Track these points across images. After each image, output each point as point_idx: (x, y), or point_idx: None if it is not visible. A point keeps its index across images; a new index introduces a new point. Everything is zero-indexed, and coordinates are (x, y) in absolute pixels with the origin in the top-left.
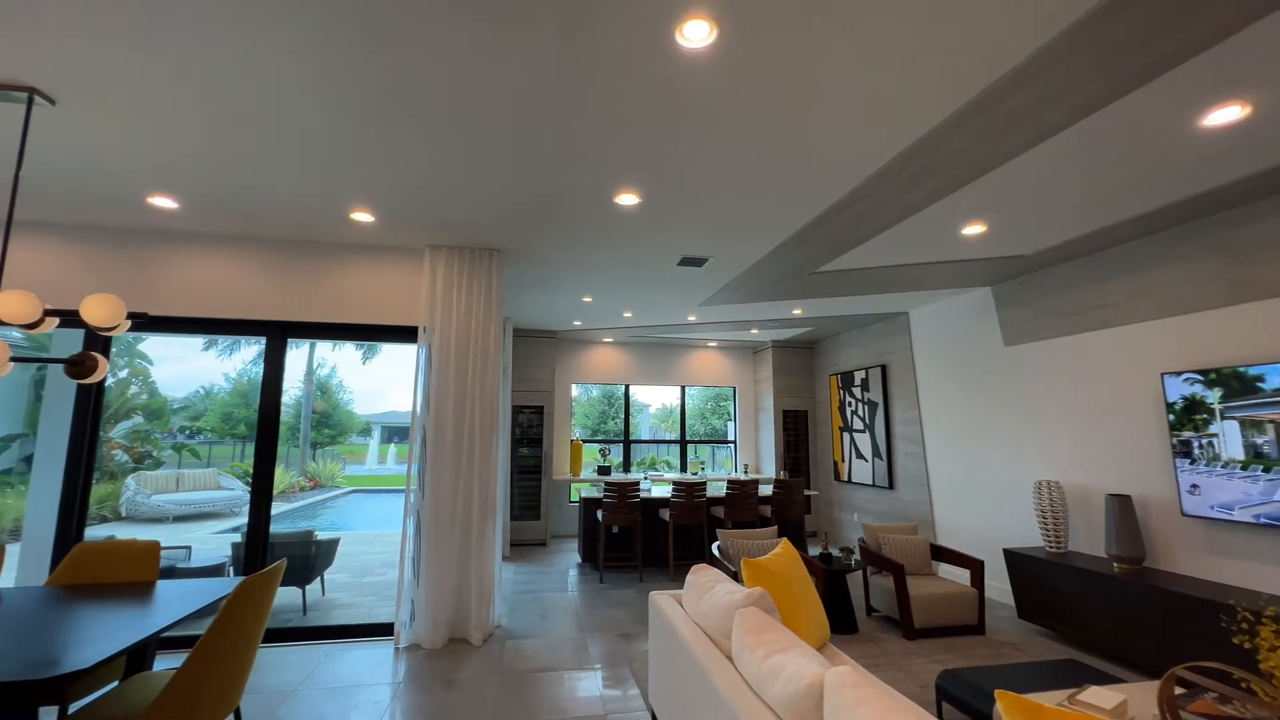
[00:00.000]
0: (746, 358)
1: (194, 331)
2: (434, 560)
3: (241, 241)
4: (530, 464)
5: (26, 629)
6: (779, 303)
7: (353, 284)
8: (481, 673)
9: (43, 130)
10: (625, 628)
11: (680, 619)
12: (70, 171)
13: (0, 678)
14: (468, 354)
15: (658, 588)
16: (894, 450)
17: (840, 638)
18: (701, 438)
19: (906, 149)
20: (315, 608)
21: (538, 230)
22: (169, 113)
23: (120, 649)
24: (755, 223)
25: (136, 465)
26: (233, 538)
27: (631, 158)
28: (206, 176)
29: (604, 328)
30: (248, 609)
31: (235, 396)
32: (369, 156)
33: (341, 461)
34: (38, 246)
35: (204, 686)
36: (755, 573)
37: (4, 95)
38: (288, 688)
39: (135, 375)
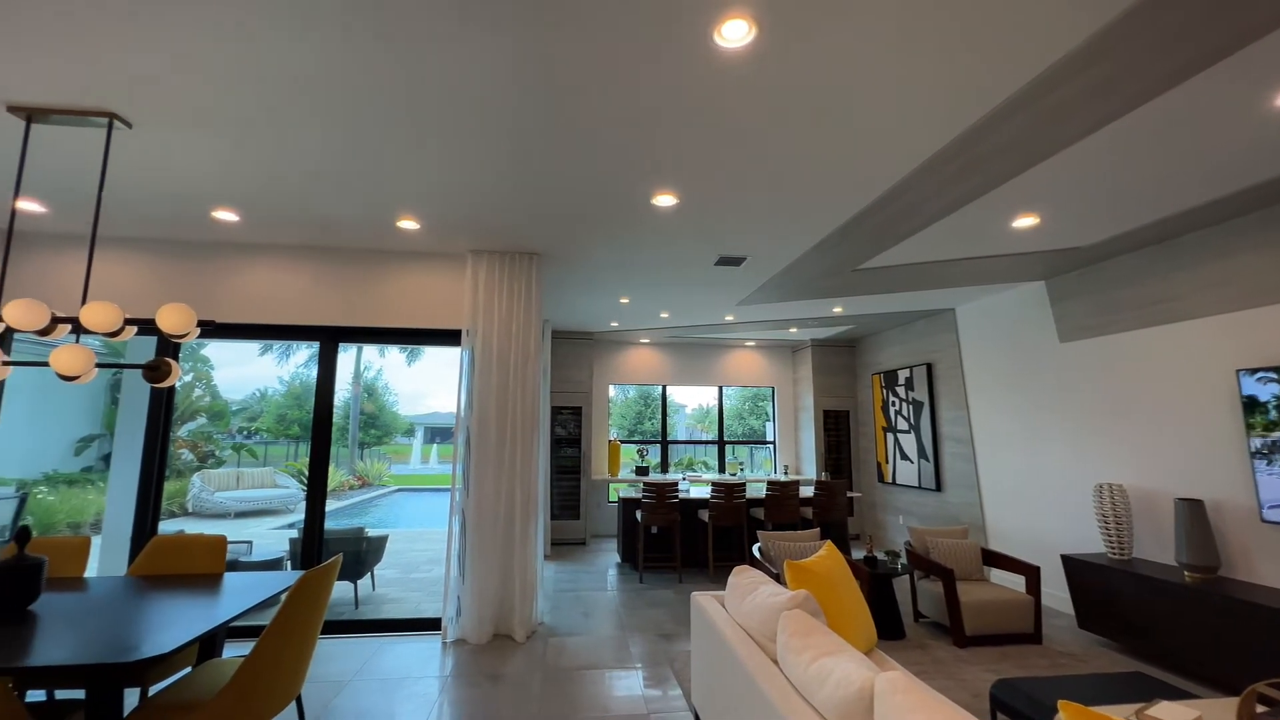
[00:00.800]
0: (785, 357)
1: (252, 337)
2: (478, 558)
3: (295, 250)
4: (569, 464)
5: (110, 616)
6: (819, 301)
7: (399, 289)
8: (526, 669)
9: (120, 152)
10: (666, 628)
11: (723, 620)
12: (144, 189)
13: (89, 660)
14: (509, 356)
15: (698, 588)
16: (941, 451)
17: (887, 643)
18: (739, 438)
19: (954, 140)
20: (366, 602)
21: (576, 233)
22: (232, 133)
23: (194, 636)
24: (794, 220)
25: (201, 464)
26: (289, 533)
27: (669, 158)
28: (264, 191)
29: (641, 329)
30: (307, 602)
31: (288, 399)
32: (415, 167)
33: (387, 461)
34: (116, 260)
35: (269, 674)
36: (799, 575)
37: (88, 121)
38: (343, 678)
39: (199, 379)
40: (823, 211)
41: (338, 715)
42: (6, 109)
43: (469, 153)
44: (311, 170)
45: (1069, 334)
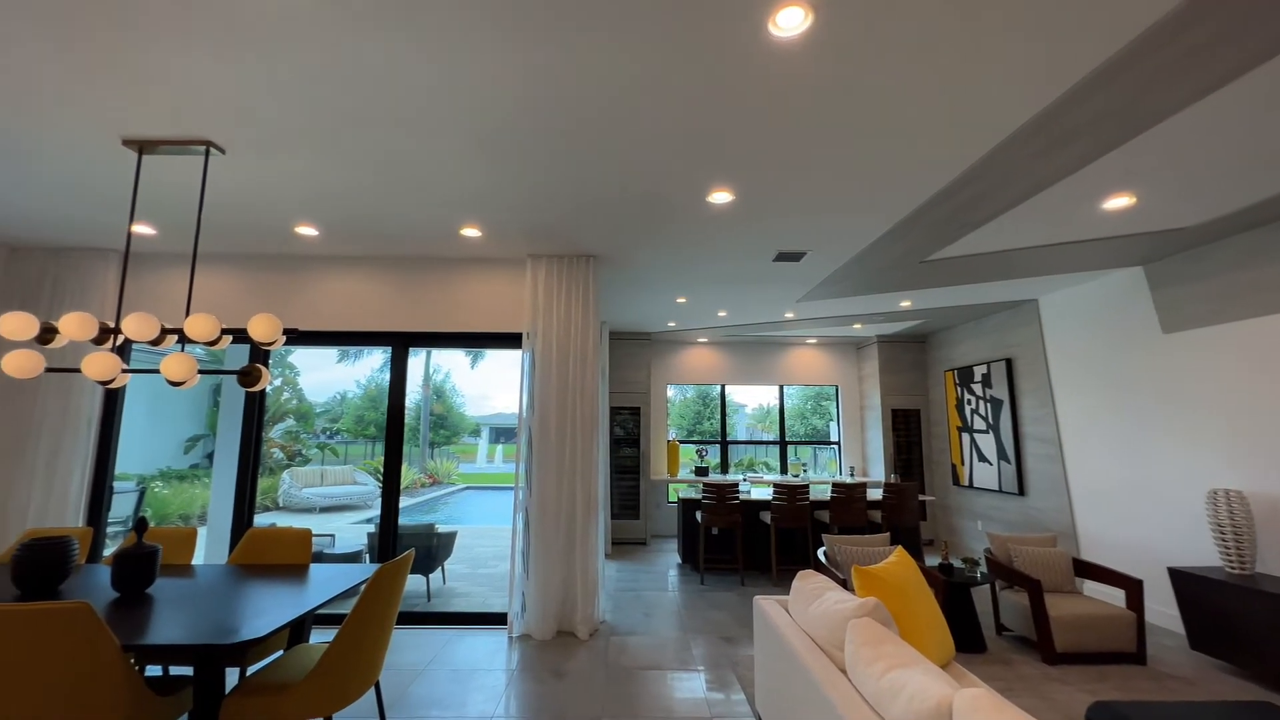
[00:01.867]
0: (849, 354)
1: (331, 343)
2: (541, 555)
3: (368, 261)
4: (629, 464)
5: (214, 601)
6: (885, 295)
7: (462, 295)
8: (589, 666)
9: (215, 177)
10: (728, 630)
11: (787, 626)
12: (235, 209)
13: (198, 641)
14: (568, 358)
15: (760, 592)
16: (1023, 452)
17: (966, 656)
18: (802, 438)
19: (1035, 117)
20: (438, 595)
21: (632, 234)
22: (313, 156)
23: (285, 622)
24: (857, 212)
25: (289, 462)
26: (367, 528)
27: (725, 153)
28: (341, 207)
29: (698, 328)
30: (383, 593)
31: (365, 401)
32: (478, 177)
33: (456, 460)
34: (213, 275)
35: (351, 659)
36: (868, 581)
37: (188, 150)
38: (418, 667)
39: (287, 384)
40: (888, 201)
41: (413, 702)
42: (122, 143)
43: (528, 158)
44: (383, 184)
45: (1174, 324)
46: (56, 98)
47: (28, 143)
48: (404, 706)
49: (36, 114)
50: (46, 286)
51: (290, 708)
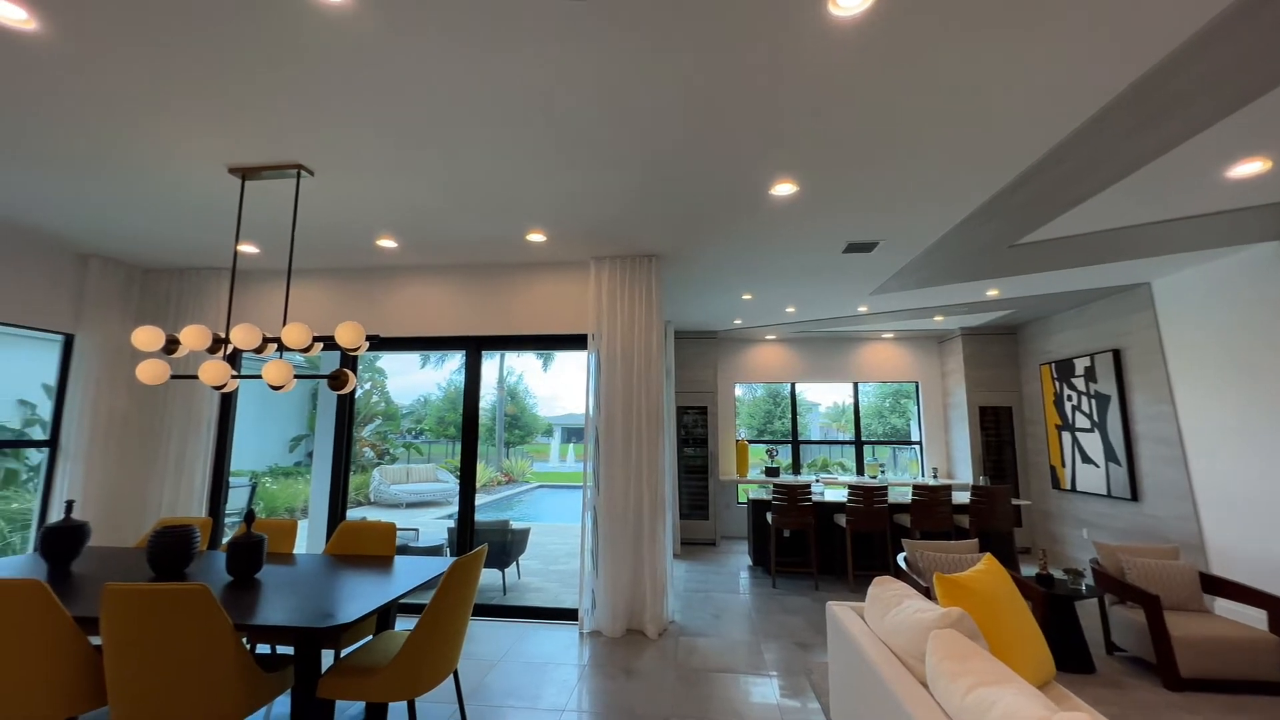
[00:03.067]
0: (930, 349)
1: (410, 348)
2: (610, 553)
3: (443, 269)
4: (697, 464)
5: (313, 587)
6: (968, 284)
7: (530, 299)
8: (658, 666)
9: (305, 197)
10: (802, 636)
11: (863, 634)
12: (323, 226)
13: (299, 623)
14: (632, 358)
15: (835, 597)
16: (1136, 453)
17: (1070, 677)
18: (880, 438)
19: (1141, 79)
20: (512, 589)
21: (693, 232)
22: (394, 175)
23: (374, 608)
24: (933, 197)
25: (379, 460)
26: (448, 523)
27: (787, 143)
28: (417, 219)
29: (766, 325)
30: (459, 585)
31: (445, 403)
32: (544, 184)
33: (529, 459)
34: (306, 287)
35: (431, 646)
36: (952, 590)
37: (282, 174)
38: (493, 658)
39: (375, 387)
40: (969, 183)
41: (490, 692)
42: (228, 171)
43: (592, 163)
44: (454, 196)
45: None
46: (176, 137)
47: (156, 180)
48: (481, 695)
49: (162, 153)
50: (171, 303)
51: (378, 689)
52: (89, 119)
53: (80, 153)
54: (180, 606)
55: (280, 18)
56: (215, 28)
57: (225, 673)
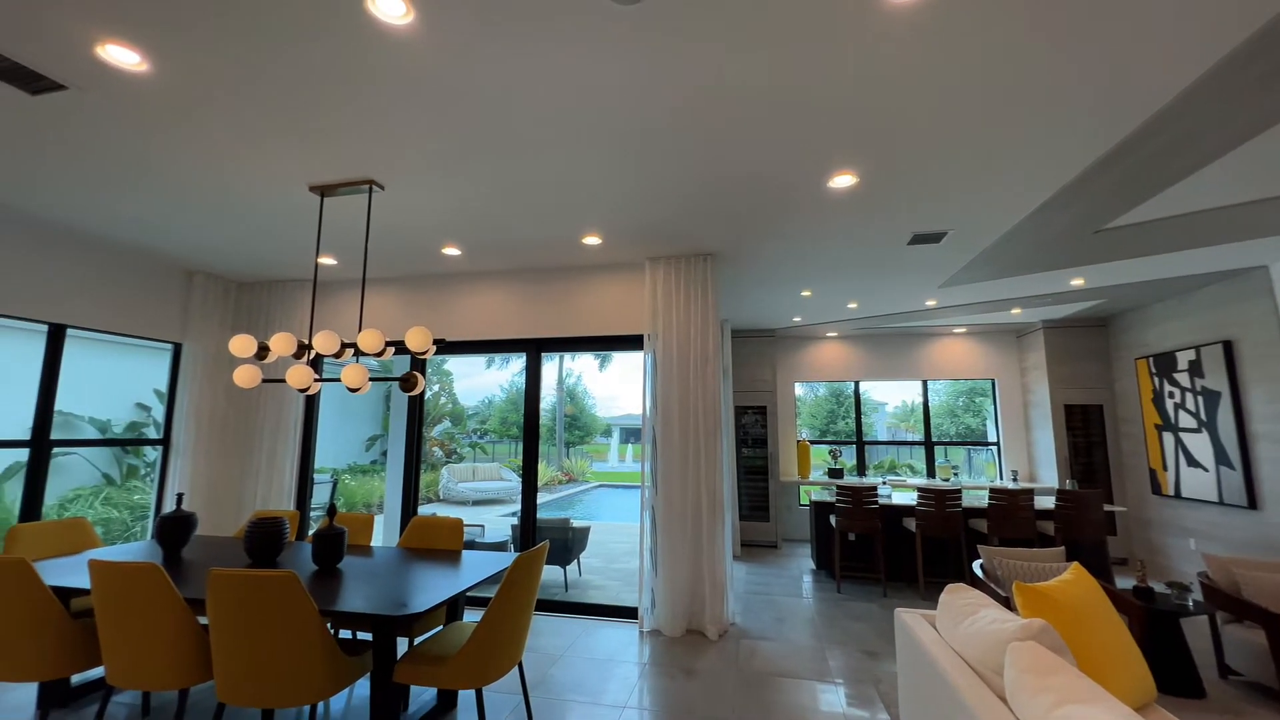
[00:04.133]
0: (1008, 343)
1: (474, 352)
2: (669, 553)
3: (504, 274)
4: (756, 465)
5: (388, 578)
6: (1049, 274)
7: (586, 301)
8: (719, 667)
9: (376, 209)
10: (869, 643)
11: (934, 643)
12: (393, 236)
13: (377, 611)
14: (689, 358)
15: (904, 604)
16: (1253, 456)
17: (1176, 701)
18: (952, 439)
19: (1256, 34)
20: (574, 586)
21: (749, 229)
22: (457, 184)
23: (444, 599)
24: (1006, 180)
25: (447, 459)
26: (512, 520)
27: (846, 133)
28: (480, 228)
29: (827, 322)
30: (522, 579)
31: (508, 404)
32: (601, 188)
33: (589, 459)
34: (379, 295)
35: (498, 637)
36: (1034, 600)
37: (356, 189)
38: (556, 652)
39: (443, 389)
40: (1045, 165)
41: (553, 685)
42: (309, 189)
43: (648, 164)
44: (515, 201)
45: None
46: (263, 161)
47: (248, 202)
48: (545, 688)
49: (252, 177)
50: (261, 313)
51: (449, 677)
52: (192, 151)
53: (185, 181)
54: (273, 591)
55: (350, 43)
56: (294, 58)
57: (312, 653)
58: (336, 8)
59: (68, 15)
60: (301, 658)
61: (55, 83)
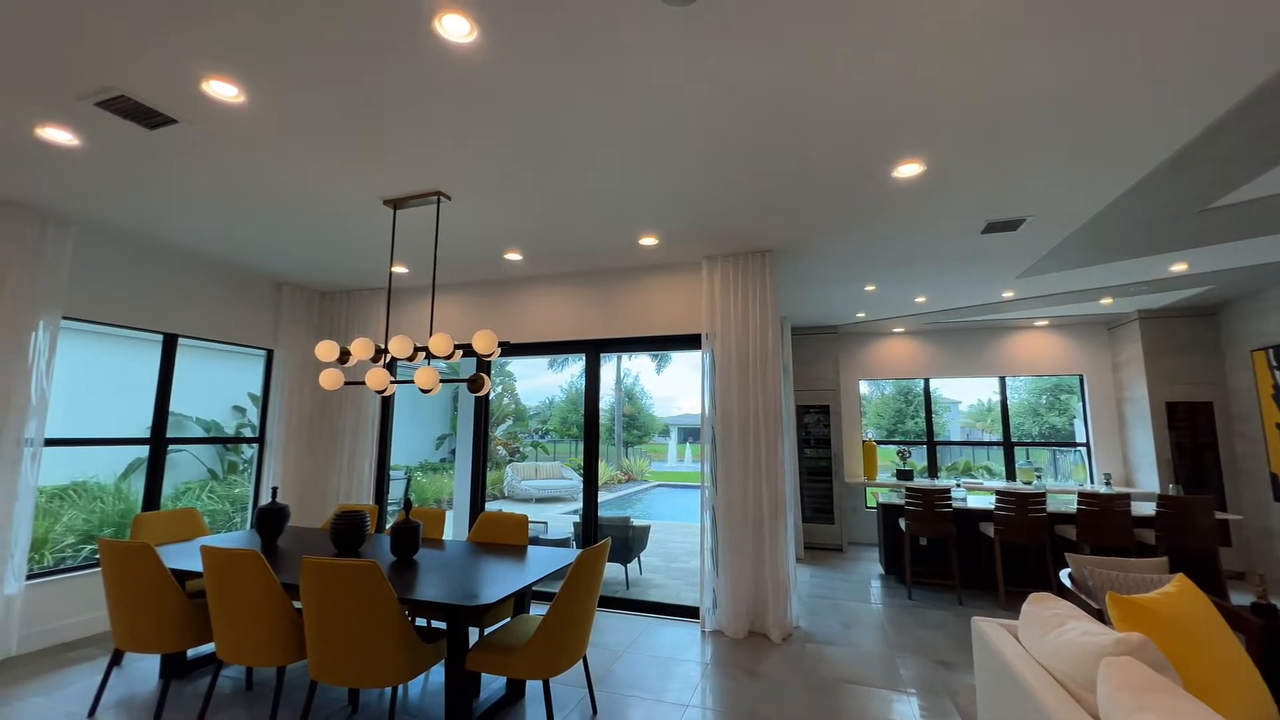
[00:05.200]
0: (1097, 336)
1: (536, 353)
2: (730, 553)
3: (563, 277)
4: (820, 465)
5: (459, 570)
6: (1145, 259)
7: (644, 301)
8: (783, 670)
9: (444, 219)
10: (943, 653)
11: (1016, 655)
12: (459, 244)
13: (451, 600)
14: (748, 356)
15: (982, 613)
16: None
17: None
18: (1035, 439)
19: None
20: (635, 584)
21: (808, 224)
22: (520, 194)
23: (512, 591)
24: (1097, 158)
25: (510, 458)
26: (573, 518)
27: (910, 120)
28: (541, 233)
29: (893, 317)
30: (585, 574)
31: (568, 404)
32: (658, 189)
33: (648, 459)
34: (446, 300)
35: (564, 629)
36: (1131, 613)
37: (425, 201)
38: (619, 648)
39: (506, 390)
40: (1140, 141)
41: (616, 681)
42: (382, 203)
43: (704, 163)
44: (574, 205)
45: None
46: (341, 179)
47: (328, 217)
48: (608, 683)
49: (331, 195)
50: (341, 320)
51: (518, 667)
52: (280, 172)
53: (275, 200)
54: (357, 579)
55: (418, 63)
56: (368, 80)
57: (392, 638)
58: (407, 30)
59: (180, 55)
60: (382, 642)
61: (168, 117)
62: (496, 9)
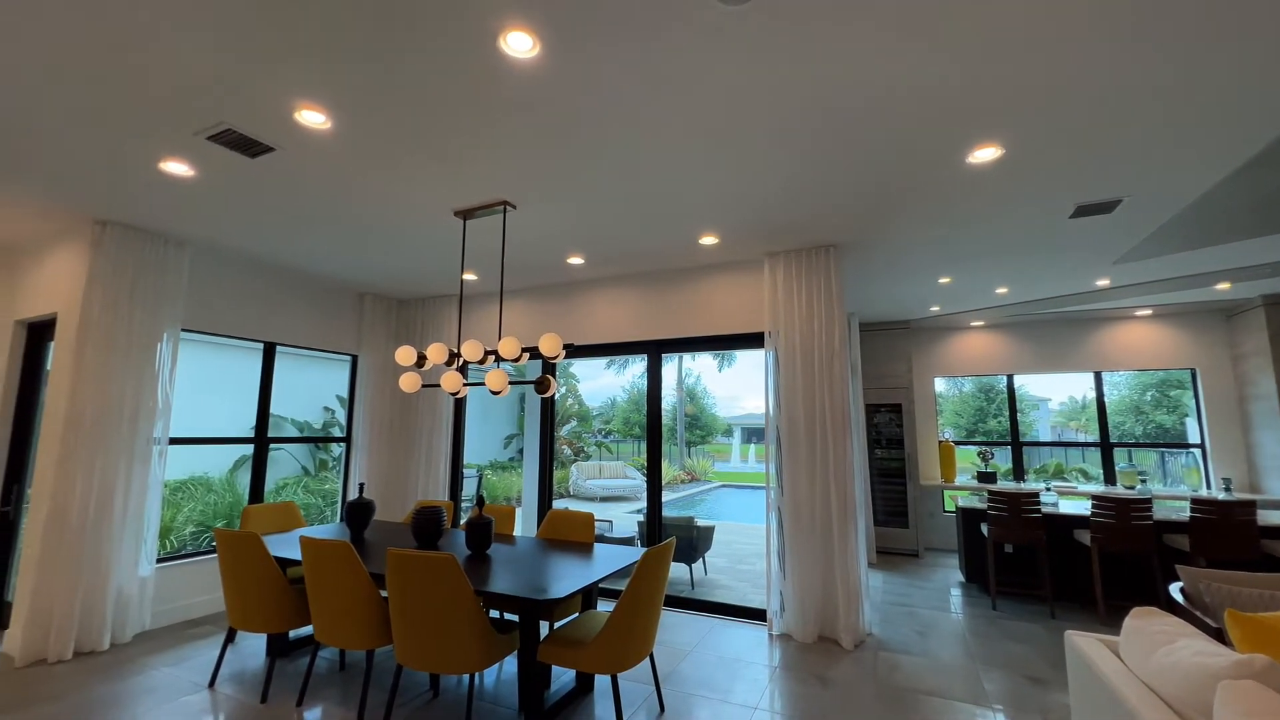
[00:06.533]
0: (1212, 325)
1: (598, 355)
2: (797, 556)
3: (624, 279)
4: (892, 467)
5: (530, 565)
6: (1267, 239)
7: (705, 300)
8: (856, 678)
9: (510, 227)
10: (1033, 668)
11: (1119, 674)
12: (524, 250)
13: (523, 594)
14: (812, 354)
15: (1077, 627)
16: None
17: None
18: (1139, 440)
19: None
20: (700, 584)
21: (875, 216)
22: (582, 200)
23: (581, 586)
24: (1206, 129)
25: (575, 457)
26: (637, 517)
27: (987, 103)
28: (602, 237)
29: (971, 310)
30: (652, 572)
31: (629, 404)
32: (718, 188)
33: (710, 459)
34: (514, 305)
35: (632, 625)
36: (1256, 633)
37: (492, 211)
38: (686, 647)
39: (570, 391)
40: (1263, 101)
41: (683, 679)
42: (454, 214)
43: (766, 160)
44: (634, 208)
45: None
46: (416, 194)
47: (404, 230)
48: (675, 681)
49: (407, 209)
50: (416, 326)
51: (588, 660)
52: (360, 191)
53: (357, 217)
54: (437, 570)
55: (484, 79)
56: (437, 99)
57: (469, 627)
58: (474, 51)
59: (278, 89)
60: (460, 630)
61: (267, 146)
62: (557, 23)
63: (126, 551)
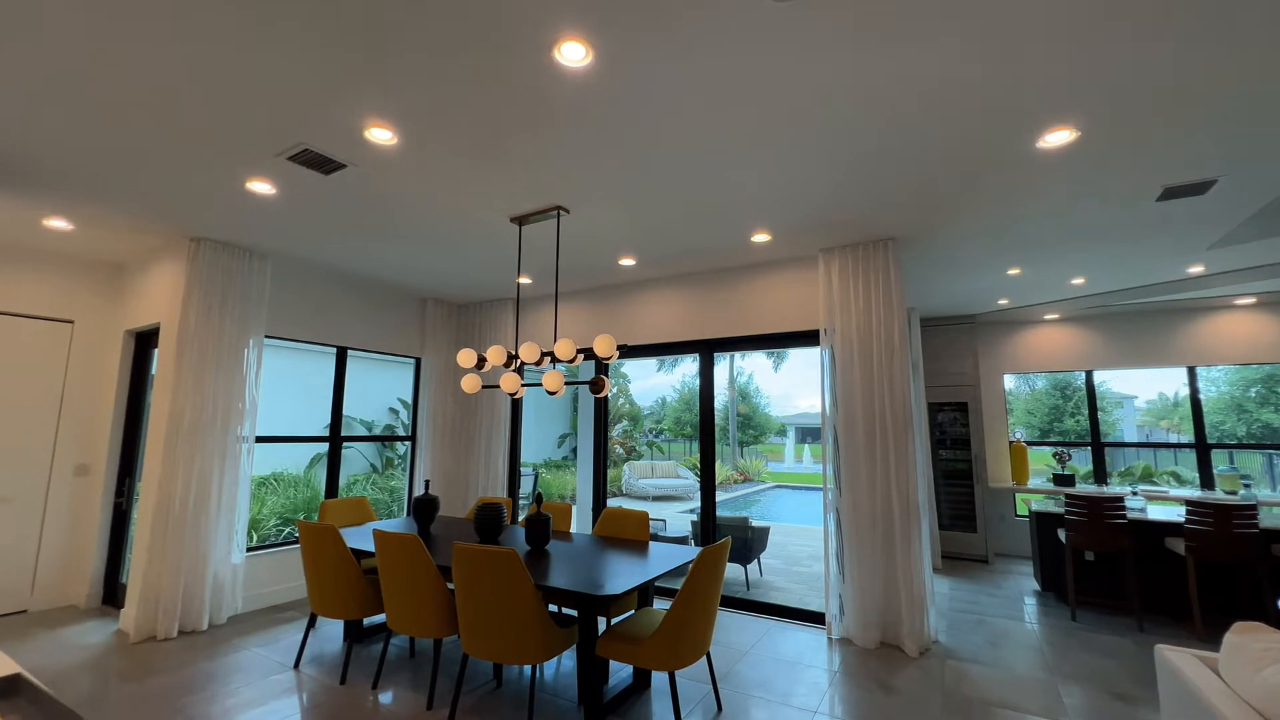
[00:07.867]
0: None
1: (651, 355)
2: (857, 559)
3: (675, 279)
4: (957, 468)
5: (587, 561)
6: None
7: (758, 299)
8: (921, 687)
9: (563, 231)
10: (1118, 684)
11: (1218, 693)
12: (577, 253)
13: (581, 589)
14: (870, 351)
15: (1169, 641)
16: None
17: None
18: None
19: None
20: (755, 586)
21: (936, 206)
22: (633, 202)
23: (637, 584)
24: None
25: (627, 456)
26: (690, 517)
27: (1058, 83)
28: (654, 238)
29: (1043, 302)
30: (707, 571)
31: (680, 404)
32: (770, 186)
33: (764, 459)
34: (568, 307)
35: (689, 623)
36: None
37: (547, 216)
38: (743, 648)
39: (621, 391)
40: None
41: (740, 680)
42: (510, 220)
43: (820, 155)
44: (685, 209)
45: None
46: (474, 202)
47: (464, 238)
48: (732, 681)
49: (466, 218)
50: (475, 330)
51: (645, 657)
52: (423, 201)
53: (418, 226)
54: (500, 564)
55: (539, 89)
56: (494, 111)
57: (531, 620)
58: (531, 63)
59: (351, 109)
60: (522, 622)
61: (339, 163)
62: (609, 31)
63: (220, 540)
